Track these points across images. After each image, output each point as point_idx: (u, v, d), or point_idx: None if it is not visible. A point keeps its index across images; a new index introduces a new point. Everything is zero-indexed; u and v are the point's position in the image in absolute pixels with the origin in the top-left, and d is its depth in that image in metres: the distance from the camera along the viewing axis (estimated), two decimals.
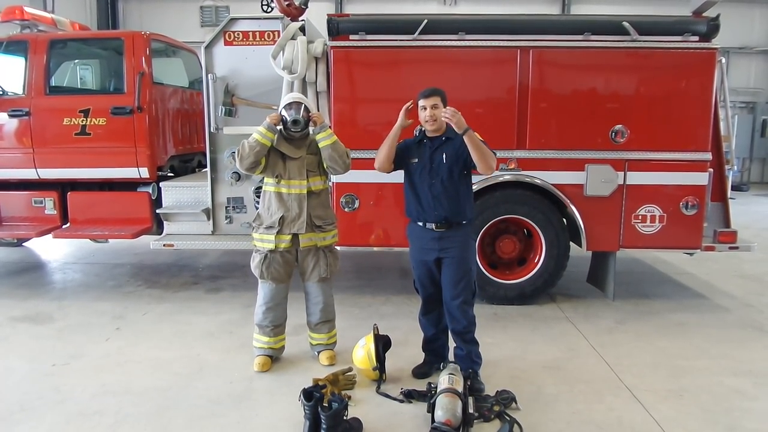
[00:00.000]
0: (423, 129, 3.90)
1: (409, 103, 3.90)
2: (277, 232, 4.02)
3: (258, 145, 3.94)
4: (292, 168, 4.04)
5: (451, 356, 4.06)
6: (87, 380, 3.99)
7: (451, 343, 4.08)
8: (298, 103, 4.05)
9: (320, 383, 3.54)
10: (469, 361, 3.89)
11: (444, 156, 3.79)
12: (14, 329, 5.02)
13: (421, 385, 3.74)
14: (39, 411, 3.59)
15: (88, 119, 5.74)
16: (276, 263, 4.08)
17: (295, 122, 3.99)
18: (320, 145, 4.03)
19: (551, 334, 4.89)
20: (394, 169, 3.96)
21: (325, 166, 4.12)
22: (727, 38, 8.33)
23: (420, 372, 4.03)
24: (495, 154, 3.75)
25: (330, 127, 5.30)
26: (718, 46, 5.20)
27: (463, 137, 3.62)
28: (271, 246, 4.04)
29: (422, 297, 4.05)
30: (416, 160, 3.87)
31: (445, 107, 3.74)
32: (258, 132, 3.97)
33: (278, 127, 4.03)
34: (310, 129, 4.09)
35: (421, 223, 3.87)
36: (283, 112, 4.04)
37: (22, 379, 4.03)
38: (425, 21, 5.19)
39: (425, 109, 3.77)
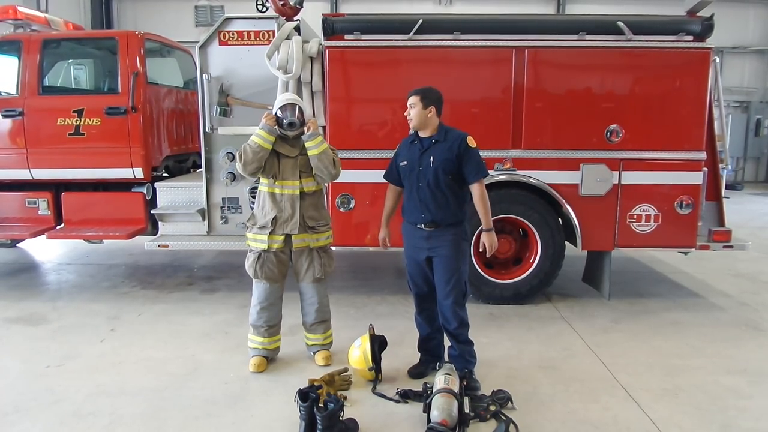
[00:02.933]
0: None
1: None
2: (270, 233, 4.01)
3: (261, 150, 3.94)
4: (285, 168, 4.03)
5: (446, 356, 4.06)
6: (81, 381, 3.97)
7: (446, 342, 4.08)
8: (293, 105, 4.04)
9: (316, 384, 3.53)
10: (463, 361, 3.89)
11: (431, 159, 3.78)
12: (8, 330, 5.00)
13: (417, 385, 3.74)
14: (33, 412, 3.57)
15: (82, 119, 5.71)
16: (270, 263, 4.07)
17: (291, 125, 4.00)
18: (308, 152, 4.02)
19: (547, 334, 4.89)
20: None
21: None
22: (721, 38, 8.40)
23: (416, 372, 4.03)
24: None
25: (324, 130, 5.33)
26: (713, 46, 5.22)
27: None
28: (264, 246, 4.03)
29: (414, 294, 4.07)
30: (405, 163, 3.89)
31: (425, 108, 3.75)
32: (259, 136, 3.96)
33: (277, 129, 4.02)
34: (304, 130, 4.07)
35: (411, 223, 3.89)
36: (279, 114, 4.03)
37: (16, 380, 4.01)
38: (420, 21, 5.19)
39: (408, 107, 3.82)
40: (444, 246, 3.80)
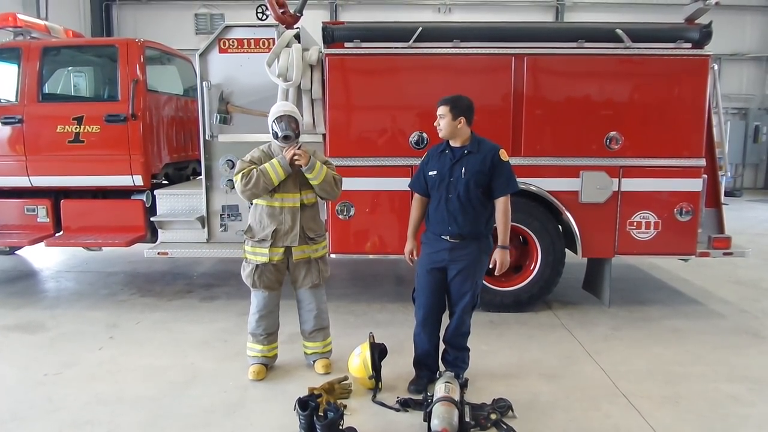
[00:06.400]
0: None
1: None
2: (271, 245, 4.00)
3: (271, 183, 3.89)
4: (286, 181, 3.97)
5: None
6: (79, 389, 3.96)
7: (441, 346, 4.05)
8: (289, 116, 3.97)
9: (315, 392, 3.52)
10: (455, 366, 3.89)
11: (463, 170, 3.73)
12: (6, 338, 4.98)
13: (417, 394, 3.73)
14: (31, 420, 3.55)
15: (82, 127, 5.71)
16: (268, 272, 4.06)
17: (286, 137, 3.95)
18: (310, 182, 4.00)
19: (547, 342, 4.88)
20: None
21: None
22: (719, 45, 8.42)
23: (415, 389, 3.87)
24: None
25: (323, 137, 5.33)
26: (711, 53, 5.23)
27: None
28: (265, 259, 4.01)
29: (422, 306, 3.95)
30: (435, 172, 3.81)
31: (455, 118, 3.71)
32: (274, 169, 3.88)
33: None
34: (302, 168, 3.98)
35: (436, 234, 3.84)
36: (274, 126, 3.97)
37: (13, 388, 3.99)
38: (420, 29, 5.20)
39: (437, 117, 3.78)
40: (465, 259, 3.78)
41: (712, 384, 4.07)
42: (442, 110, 3.75)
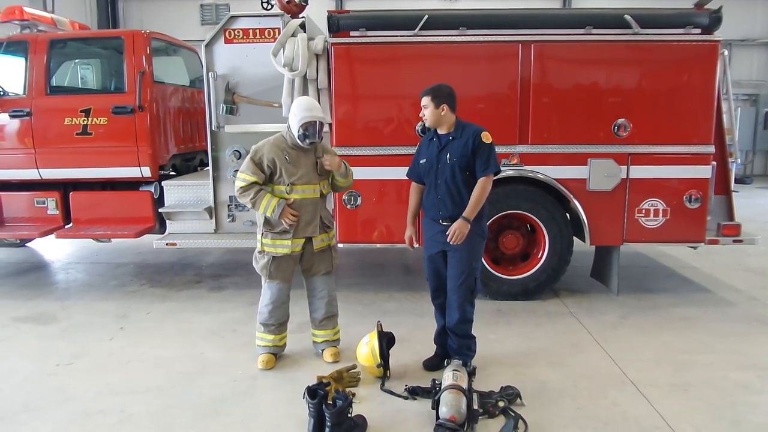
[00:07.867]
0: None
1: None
2: (293, 237, 4.02)
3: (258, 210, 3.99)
4: (307, 172, 4.00)
5: None
6: (91, 380, 4.00)
7: None
8: (319, 123, 3.92)
9: (324, 381, 3.54)
10: (461, 354, 3.92)
11: (448, 156, 3.80)
12: (18, 329, 5.03)
13: (425, 382, 3.73)
14: (43, 411, 3.59)
15: (90, 119, 5.74)
16: (285, 263, 4.09)
17: (312, 144, 3.98)
18: (338, 184, 4.16)
19: (555, 330, 4.88)
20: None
21: (330, 185, 4.20)
22: (729, 30, 8.31)
23: (430, 364, 4.06)
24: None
25: (330, 127, 5.31)
26: (721, 39, 5.16)
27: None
28: (287, 251, 4.02)
29: (429, 287, 4.10)
30: (424, 160, 3.92)
31: (437, 107, 3.77)
32: (266, 209, 3.89)
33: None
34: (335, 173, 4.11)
35: (430, 218, 3.94)
36: (301, 130, 3.88)
37: (25, 379, 4.03)
38: (426, 17, 5.17)
39: (422, 108, 3.86)
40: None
41: (721, 372, 4.06)
42: (425, 101, 3.83)
